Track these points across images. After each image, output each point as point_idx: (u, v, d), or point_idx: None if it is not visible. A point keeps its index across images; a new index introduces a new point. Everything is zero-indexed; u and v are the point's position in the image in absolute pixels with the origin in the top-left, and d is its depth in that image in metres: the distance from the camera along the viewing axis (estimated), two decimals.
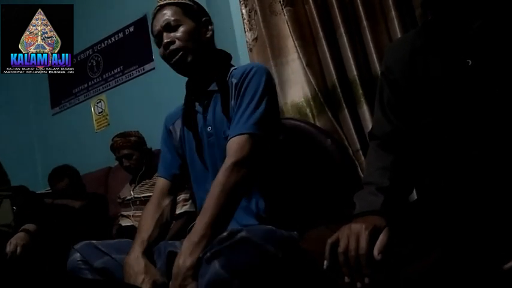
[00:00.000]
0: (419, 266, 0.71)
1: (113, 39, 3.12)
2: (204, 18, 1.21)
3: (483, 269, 0.67)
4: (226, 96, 1.14)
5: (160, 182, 1.25)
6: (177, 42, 1.14)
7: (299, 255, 0.95)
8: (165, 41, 1.15)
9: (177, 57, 1.15)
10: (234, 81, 1.13)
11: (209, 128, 1.16)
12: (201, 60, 1.17)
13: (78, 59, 3.26)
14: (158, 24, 1.17)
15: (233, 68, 1.21)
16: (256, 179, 1.08)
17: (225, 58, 1.25)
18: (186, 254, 0.91)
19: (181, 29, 1.15)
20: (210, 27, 1.21)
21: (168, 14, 1.16)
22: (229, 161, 1.02)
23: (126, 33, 3.04)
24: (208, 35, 1.20)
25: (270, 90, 1.12)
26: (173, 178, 1.25)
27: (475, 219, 0.75)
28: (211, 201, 0.98)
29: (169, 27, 1.15)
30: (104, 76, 3.15)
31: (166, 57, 1.17)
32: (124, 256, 1.05)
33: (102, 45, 3.18)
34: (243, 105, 1.08)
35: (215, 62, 1.20)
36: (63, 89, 3.39)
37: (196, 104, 1.21)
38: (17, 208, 2.08)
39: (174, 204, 1.25)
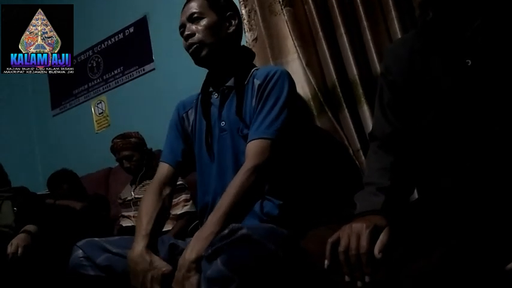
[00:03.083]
0: (420, 266, 0.71)
1: (113, 40, 3.12)
2: (229, 13, 1.21)
3: (485, 269, 0.67)
4: (243, 95, 1.15)
5: (165, 168, 1.24)
6: (196, 36, 1.16)
7: (299, 254, 0.95)
8: (186, 33, 1.17)
9: (191, 49, 1.17)
10: (257, 82, 1.14)
11: (223, 123, 1.17)
12: (219, 55, 1.18)
13: (79, 60, 3.26)
14: (184, 15, 1.19)
15: (255, 68, 1.22)
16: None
17: (248, 56, 1.26)
18: (192, 247, 0.93)
19: (202, 22, 1.16)
20: (233, 22, 1.22)
21: (193, 6, 1.18)
22: (249, 164, 1.03)
23: (126, 34, 3.04)
24: (230, 30, 1.20)
25: (292, 97, 1.13)
26: (177, 165, 1.24)
27: (477, 219, 0.76)
28: (226, 200, 0.99)
29: (192, 18, 1.17)
30: (104, 77, 3.15)
31: (187, 49, 1.19)
32: (127, 250, 1.05)
33: (102, 46, 3.18)
34: (266, 108, 1.10)
35: (236, 58, 1.21)
36: (64, 90, 3.39)
37: (213, 96, 1.22)
38: (17, 209, 2.08)
39: (172, 194, 1.24)
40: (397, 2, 1.50)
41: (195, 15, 1.17)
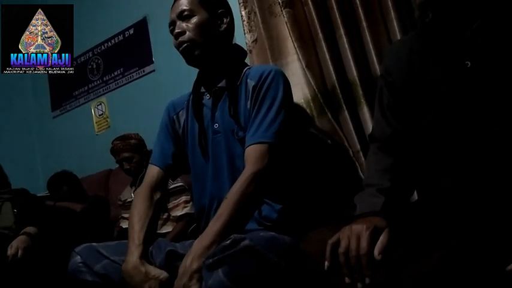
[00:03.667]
0: (420, 267, 0.71)
1: (113, 41, 3.12)
2: (220, 10, 1.18)
3: (485, 270, 0.67)
4: (237, 96, 1.13)
5: (155, 171, 1.20)
6: (187, 34, 1.13)
7: (301, 262, 0.94)
8: (176, 31, 1.14)
9: (182, 48, 1.13)
10: (251, 82, 1.12)
11: (216, 125, 1.15)
12: (211, 54, 1.15)
13: (79, 62, 3.26)
14: (173, 12, 1.16)
15: (247, 67, 1.19)
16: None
17: (240, 55, 1.23)
18: (194, 256, 0.92)
19: (193, 20, 1.13)
20: (225, 19, 1.18)
21: (184, 3, 1.15)
22: (249, 170, 1.01)
23: (126, 35, 3.04)
24: (222, 28, 1.17)
25: (288, 97, 1.12)
26: (167, 168, 1.22)
27: (477, 220, 0.75)
28: (227, 208, 0.97)
29: (182, 16, 1.14)
30: (104, 78, 3.15)
31: (177, 47, 1.16)
32: (123, 258, 1.04)
33: (102, 47, 3.18)
34: (262, 111, 1.08)
35: (228, 57, 1.18)
36: (64, 91, 3.39)
37: (205, 97, 1.19)
38: (17, 211, 2.08)
39: (163, 198, 1.22)
40: (397, 3, 1.50)
41: (185, 12, 1.13)
